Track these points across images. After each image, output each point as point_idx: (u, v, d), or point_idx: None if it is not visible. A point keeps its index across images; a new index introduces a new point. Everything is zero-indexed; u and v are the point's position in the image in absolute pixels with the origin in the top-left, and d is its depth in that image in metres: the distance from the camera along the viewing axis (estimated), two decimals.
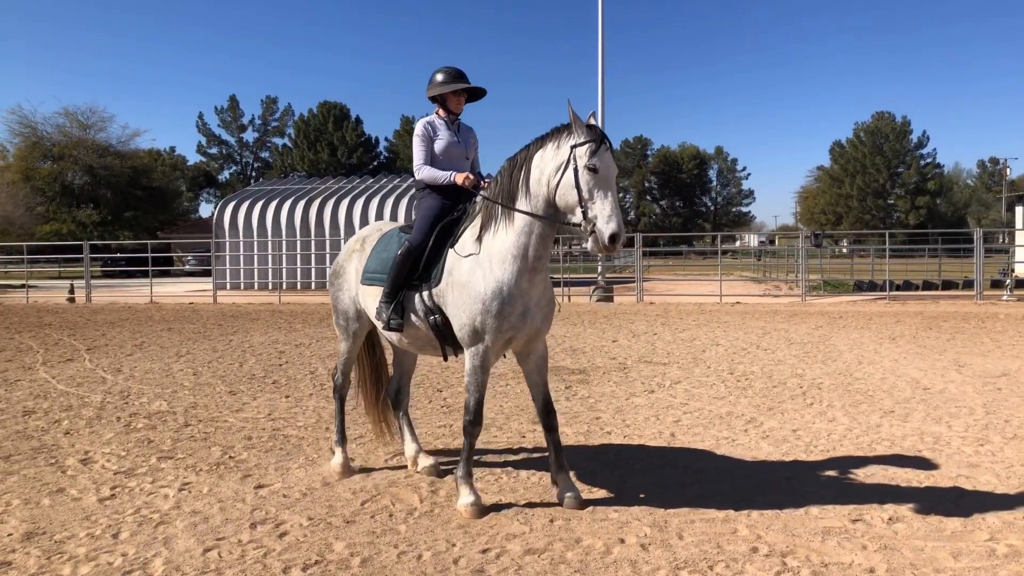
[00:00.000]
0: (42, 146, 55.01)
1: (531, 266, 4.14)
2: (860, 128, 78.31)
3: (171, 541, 3.87)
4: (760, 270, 36.50)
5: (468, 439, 4.32)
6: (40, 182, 53.23)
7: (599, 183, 3.88)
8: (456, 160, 4.80)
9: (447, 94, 4.74)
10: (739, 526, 4.01)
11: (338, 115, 71.61)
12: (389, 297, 4.52)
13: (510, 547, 3.75)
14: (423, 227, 4.55)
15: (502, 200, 4.20)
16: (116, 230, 55.11)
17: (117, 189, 55.43)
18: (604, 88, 23.84)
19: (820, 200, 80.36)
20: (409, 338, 4.64)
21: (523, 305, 4.17)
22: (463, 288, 4.21)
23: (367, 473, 5.01)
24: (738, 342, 11.44)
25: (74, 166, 54.34)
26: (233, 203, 28.83)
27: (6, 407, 7.13)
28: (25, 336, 13.08)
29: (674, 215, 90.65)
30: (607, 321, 14.92)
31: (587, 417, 6.60)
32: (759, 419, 6.45)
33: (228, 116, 78.31)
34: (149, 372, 9.13)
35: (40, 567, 3.56)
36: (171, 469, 5.14)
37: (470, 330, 4.18)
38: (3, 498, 4.54)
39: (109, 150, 56.36)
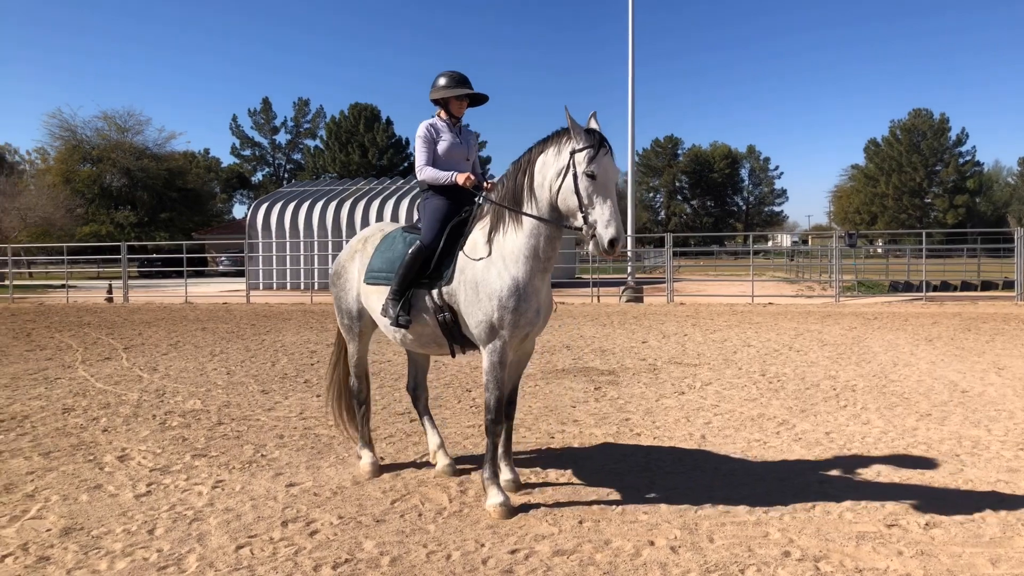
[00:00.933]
0: (82, 149, 56.22)
1: (542, 266, 4.28)
2: (896, 126, 76.97)
3: (205, 538, 3.93)
4: (793, 270, 36.05)
5: (491, 438, 4.36)
6: (80, 184, 54.40)
7: (598, 189, 3.95)
8: (458, 161, 4.88)
9: (450, 98, 4.84)
10: (771, 529, 3.96)
11: (369, 117, 72.13)
12: (397, 295, 4.57)
13: (539, 548, 3.75)
14: (434, 227, 4.61)
15: (508, 202, 4.30)
16: (152, 231, 56.18)
17: (153, 191, 56.47)
18: (634, 86, 23.73)
19: (855, 199, 79.12)
20: (414, 335, 4.69)
21: (537, 303, 4.30)
22: (477, 287, 4.28)
23: (396, 472, 5.04)
24: (770, 343, 11.31)
25: (112, 168, 55.43)
26: (266, 204, 29.21)
27: (47, 404, 7.30)
28: (65, 335, 13.38)
29: (705, 215, 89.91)
30: (637, 322, 14.84)
31: (616, 418, 6.57)
32: (791, 421, 6.37)
33: (261, 118, 79.35)
34: (184, 371, 9.28)
35: (77, 562, 3.64)
36: (205, 467, 5.21)
37: (487, 327, 4.24)
38: (43, 494, 4.65)
39: (146, 153, 57.43)
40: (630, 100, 23.69)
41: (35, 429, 6.31)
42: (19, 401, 7.46)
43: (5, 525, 4.11)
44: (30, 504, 4.46)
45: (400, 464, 5.26)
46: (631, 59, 23.74)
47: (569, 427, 6.29)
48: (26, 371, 9.35)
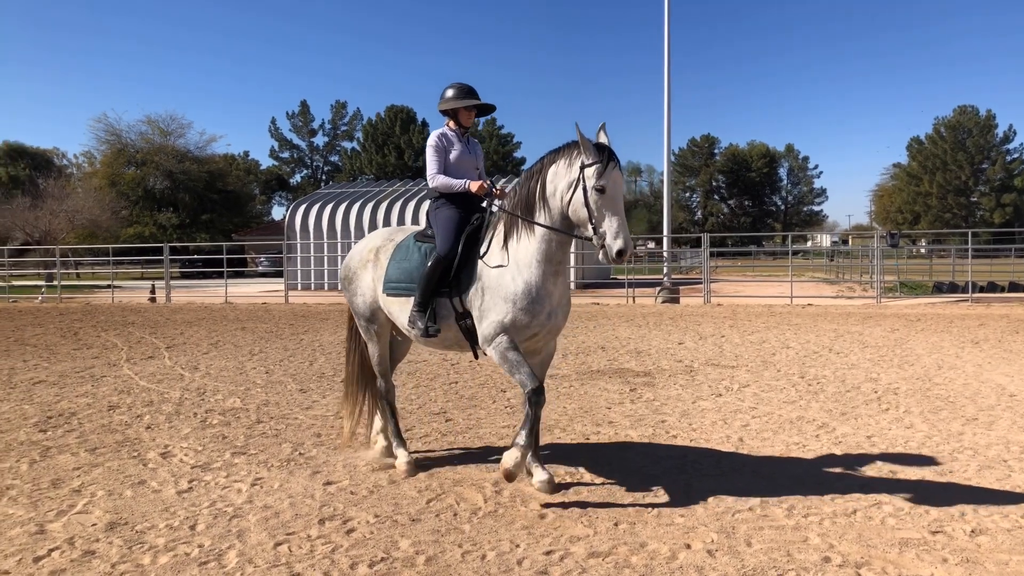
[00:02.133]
0: (126, 153, 57.59)
1: (554, 269, 4.45)
2: (941, 123, 75.17)
3: (244, 534, 3.99)
4: (833, 271, 35.44)
5: (532, 409, 4.42)
6: (124, 187, 55.72)
7: (606, 202, 4.14)
8: (467, 170, 5.05)
9: (459, 109, 5.00)
10: (810, 534, 3.90)
11: (405, 119, 72.67)
12: (422, 307, 4.72)
13: (574, 549, 3.74)
14: (449, 237, 4.74)
15: (521, 210, 4.49)
16: (194, 232, 57.27)
17: (195, 193, 57.59)
18: (670, 87, 23.55)
19: (897, 198, 77.47)
20: (439, 339, 4.85)
21: (549, 305, 4.46)
22: (493, 291, 4.47)
23: (432, 472, 5.06)
24: (809, 345, 11.13)
25: (155, 171, 56.69)
26: (304, 206, 29.60)
27: (93, 402, 7.49)
28: (111, 334, 13.71)
29: (743, 215, 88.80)
30: (673, 323, 14.72)
31: (652, 420, 6.52)
32: (831, 425, 6.26)
33: (299, 121, 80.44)
34: (224, 370, 9.45)
35: (122, 556, 3.72)
36: (244, 464, 5.30)
37: (498, 325, 4.42)
38: (89, 489, 4.77)
39: (188, 155, 58.61)
40: (666, 101, 23.52)
41: (82, 426, 6.47)
42: (67, 398, 7.67)
43: (52, 519, 4.23)
44: (77, 499, 4.57)
45: (435, 463, 5.28)
46: (667, 60, 23.57)
47: (604, 428, 6.26)
48: (73, 369, 9.60)
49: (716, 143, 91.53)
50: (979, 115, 73.61)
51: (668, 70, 23.54)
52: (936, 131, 75.15)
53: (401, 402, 7.28)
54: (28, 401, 7.54)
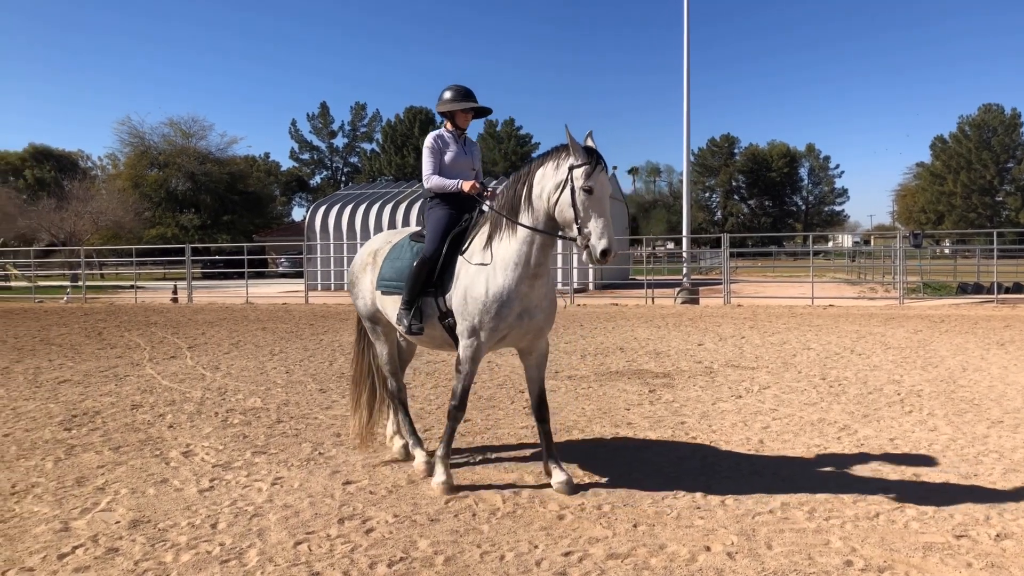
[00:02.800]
0: (149, 155, 58.30)
1: (532, 272, 4.48)
2: (965, 122, 74.20)
3: (264, 533, 4.02)
4: (854, 271, 35.09)
5: (451, 423, 4.70)
6: (147, 189, 56.41)
7: (593, 203, 4.19)
8: (463, 171, 5.14)
9: (456, 111, 5.08)
10: (832, 537, 3.86)
11: (424, 120, 72.87)
12: (408, 305, 4.85)
13: (593, 551, 3.73)
14: (435, 238, 4.86)
15: (507, 211, 4.53)
16: (215, 233, 57.84)
17: (216, 194, 58.17)
18: (690, 87, 23.44)
19: (920, 198, 76.56)
20: (427, 337, 4.98)
21: (521, 307, 4.51)
22: (468, 290, 4.56)
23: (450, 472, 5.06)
24: (831, 346, 11.02)
25: (177, 173, 57.33)
26: (324, 207, 29.78)
27: (116, 401, 7.58)
28: (134, 334, 13.87)
29: (763, 215, 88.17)
30: (692, 324, 14.64)
31: (671, 422, 6.49)
32: (853, 427, 6.19)
33: (319, 123, 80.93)
34: (244, 370, 9.52)
35: (145, 554, 3.76)
36: (264, 464, 5.34)
37: (469, 326, 4.56)
38: (112, 487, 4.82)
39: (209, 157, 59.21)
40: (685, 100, 23.42)
41: (106, 424, 6.55)
42: (91, 397, 7.77)
43: (77, 517, 4.28)
44: (100, 497, 4.63)
45: (453, 463, 5.28)
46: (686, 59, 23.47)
47: (623, 430, 6.24)
48: (98, 368, 9.73)
49: (736, 143, 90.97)
50: (1004, 114, 72.58)
51: (688, 70, 23.44)
52: (960, 130, 74.20)
53: (420, 402, 7.31)
54: (53, 400, 7.65)
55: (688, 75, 23.44)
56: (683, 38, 23.52)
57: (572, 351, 10.94)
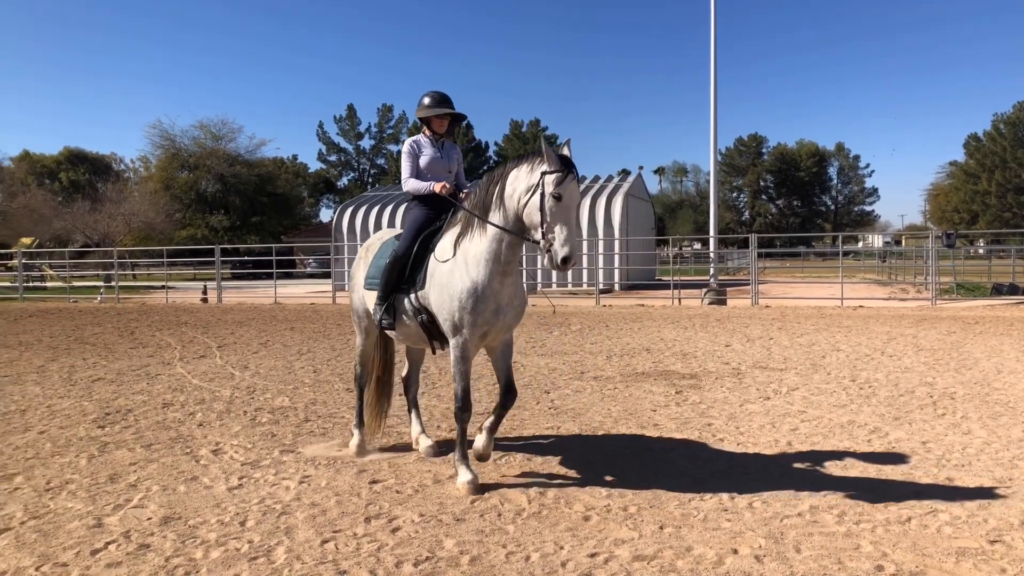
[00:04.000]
0: (180, 157, 59.08)
1: (502, 269, 4.60)
2: (1000, 119, 72.69)
3: (292, 531, 4.06)
4: (885, 272, 34.57)
5: (460, 425, 4.80)
6: (178, 190, 57.19)
7: (560, 210, 4.28)
8: (440, 174, 5.34)
9: (431, 116, 5.31)
10: (862, 542, 3.80)
11: None
12: (381, 300, 5.11)
13: (618, 552, 3.71)
14: (407, 237, 5.10)
15: (479, 210, 4.67)
16: (244, 234, 58.50)
17: (245, 196, 58.81)
18: (716, 86, 23.27)
19: (953, 198, 75.21)
20: (402, 334, 5.21)
21: (495, 303, 4.63)
22: (443, 288, 4.69)
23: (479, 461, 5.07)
24: (861, 348, 10.87)
25: (207, 175, 58.04)
26: (351, 208, 30.02)
27: (148, 399, 7.70)
28: (165, 333, 14.09)
29: (791, 215, 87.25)
30: (720, 325, 14.52)
31: (698, 423, 6.44)
32: (884, 429, 6.10)
33: (346, 125, 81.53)
34: (273, 369, 9.62)
35: (175, 550, 3.82)
36: (292, 462, 5.39)
37: (451, 324, 4.67)
38: (144, 484, 4.90)
39: (238, 159, 59.88)
40: (712, 100, 23.25)
41: (137, 422, 6.66)
42: (124, 396, 7.90)
43: (110, 513, 4.36)
44: (133, 493, 4.71)
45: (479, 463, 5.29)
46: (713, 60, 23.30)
47: (649, 431, 6.21)
48: (130, 367, 9.89)
49: (764, 142, 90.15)
50: None
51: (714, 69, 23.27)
52: (995, 128, 72.72)
53: (446, 402, 7.33)
54: (87, 398, 7.79)
55: (715, 74, 23.27)
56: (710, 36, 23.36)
57: (598, 352, 10.90)
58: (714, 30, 23.26)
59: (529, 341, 12.24)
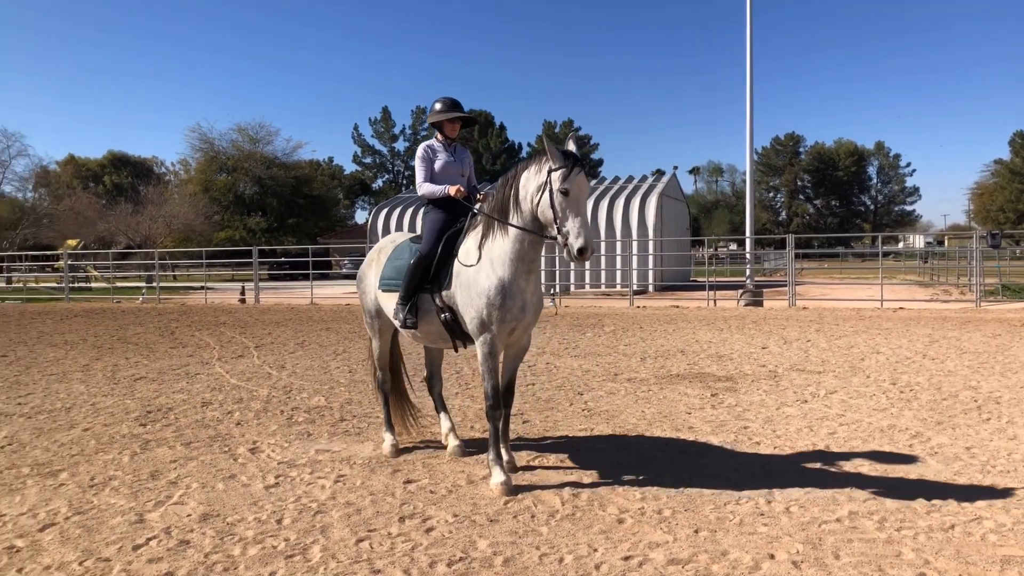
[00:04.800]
0: (219, 160, 60.06)
1: (527, 267, 4.76)
2: None
3: (327, 530, 4.10)
4: (927, 273, 33.83)
5: (492, 423, 4.88)
6: (217, 193, 58.15)
7: (570, 204, 4.41)
8: (453, 177, 5.49)
9: (443, 121, 5.48)
10: (904, 548, 3.72)
11: (483, 123, 73.36)
12: (404, 300, 5.19)
13: (653, 556, 3.69)
14: (430, 238, 5.20)
15: (497, 213, 4.82)
16: (281, 236, 59.27)
17: (282, 198, 59.57)
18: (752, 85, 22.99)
19: (998, 197, 73.36)
20: (423, 333, 5.29)
21: (522, 300, 4.77)
22: (470, 288, 4.81)
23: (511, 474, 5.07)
24: (901, 350, 10.65)
25: (245, 177, 58.91)
26: (386, 210, 30.26)
27: (188, 398, 7.85)
28: (204, 333, 14.34)
29: (829, 215, 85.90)
30: (756, 327, 14.34)
31: (734, 426, 6.37)
32: (926, 434, 5.97)
33: (381, 127, 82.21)
34: (309, 369, 9.74)
35: (214, 546, 3.89)
36: (328, 461, 5.45)
37: (478, 322, 4.77)
38: (184, 481, 4.99)
39: (275, 162, 60.66)
40: (748, 99, 22.97)
41: (178, 421, 6.79)
42: (164, 394, 8.06)
43: (151, 509, 4.45)
44: (173, 490, 4.80)
45: None
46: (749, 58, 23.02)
47: (684, 434, 6.15)
48: (170, 367, 10.09)
49: (801, 141, 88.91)
50: None
51: (750, 68, 22.99)
52: None
53: (479, 403, 7.35)
54: (130, 396, 7.96)
55: (751, 72, 22.99)
56: (745, 34, 23.08)
57: (632, 353, 10.84)
58: (750, 27, 22.97)
59: (562, 343, 12.22)
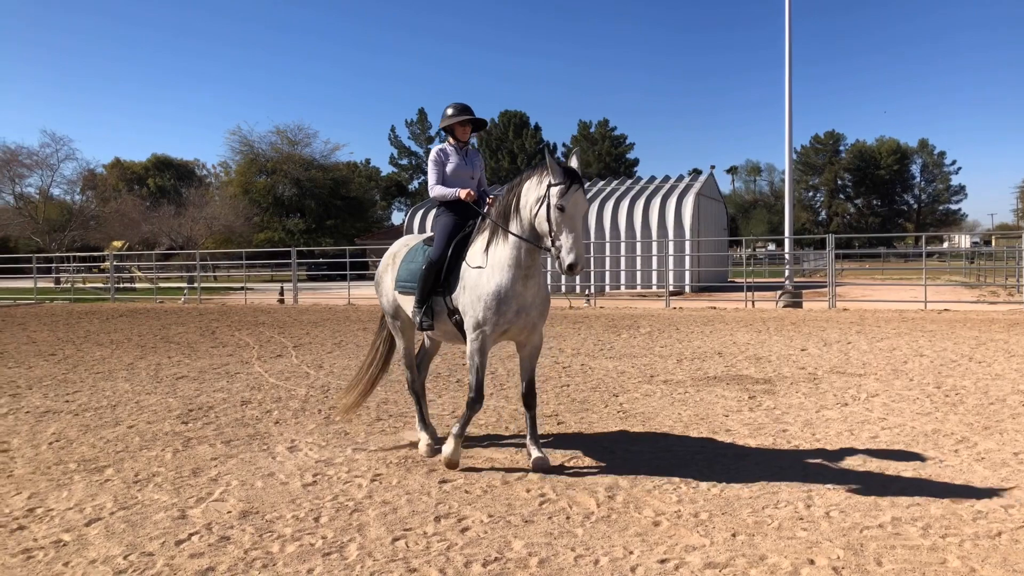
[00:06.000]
0: (258, 162, 60.97)
1: (524, 272, 4.91)
2: None
3: (364, 528, 4.14)
4: (973, 274, 32.99)
5: (468, 411, 5.15)
6: (256, 195, 59.05)
7: (566, 220, 4.59)
8: (464, 180, 5.65)
9: (455, 125, 5.61)
10: (949, 556, 3.63)
11: (518, 123, 73.42)
12: (420, 303, 5.39)
13: (689, 559, 3.65)
14: (440, 244, 5.39)
15: (500, 219, 5.01)
16: (319, 237, 60.00)
17: (320, 199, 60.28)
18: (791, 81, 22.65)
19: None
20: (440, 332, 5.55)
21: (518, 304, 4.95)
22: (473, 290, 5.01)
23: (543, 474, 5.07)
24: (946, 353, 10.40)
25: (284, 179, 59.73)
26: (422, 211, 30.48)
27: (228, 397, 7.98)
28: (244, 333, 14.58)
29: (871, 214, 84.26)
30: (795, 328, 14.12)
31: (772, 429, 6.28)
32: (972, 439, 5.81)
33: (417, 129, 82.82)
34: (346, 368, 9.83)
35: (253, 543, 3.95)
36: (364, 460, 5.50)
37: (473, 321, 5.02)
38: (224, 478, 5.08)
39: (313, 164, 61.40)
40: (787, 97, 22.63)
41: (218, 419, 6.91)
42: (205, 393, 8.21)
43: (192, 506, 4.53)
44: (214, 487, 4.88)
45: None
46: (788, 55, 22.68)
47: (721, 436, 6.08)
48: (211, 366, 10.27)
49: (841, 140, 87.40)
50: None
51: (789, 65, 22.64)
52: None
53: (514, 403, 7.36)
54: (172, 395, 8.13)
55: (789, 70, 22.64)
56: (784, 30, 22.75)
57: (668, 355, 10.75)
58: (788, 24, 22.64)
59: (597, 344, 12.17)
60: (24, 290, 31.96)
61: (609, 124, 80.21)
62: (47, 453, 5.81)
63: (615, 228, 28.85)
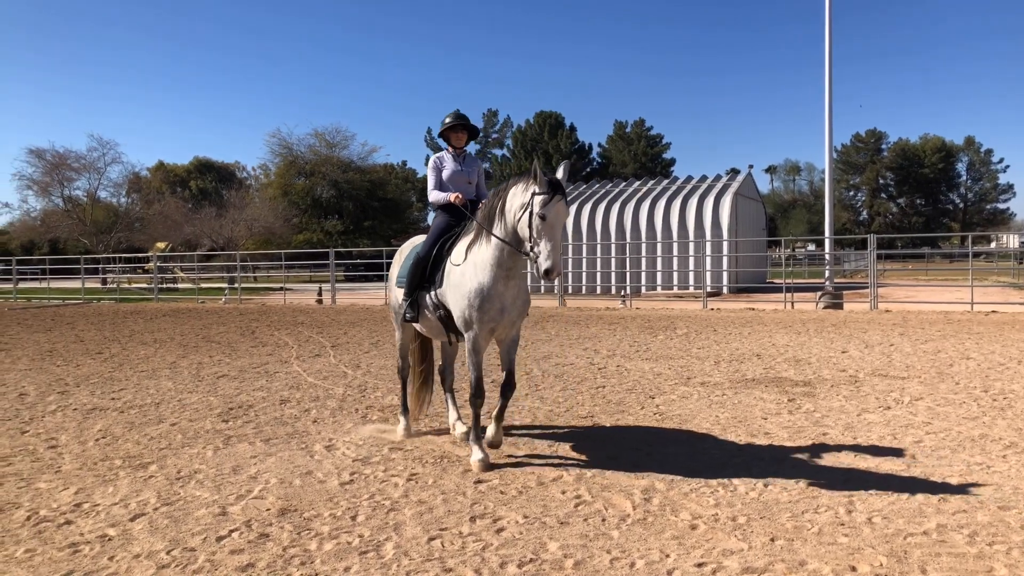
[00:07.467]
0: (297, 164, 61.75)
1: (505, 273, 5.12)
2: None
3: (400, 527, 4.17)
4: (1022, 274, 32.07)
5: (474, 410, 5.38)
6: (295, 196, 59.83)
7: (546, 228, 4.79)
8: (460, 185, 5.94)
9: (449, 132, 5.95)
10: (996, 564, 3.54)
11: (553, 124, 73.31)
12: (406, 297, 5.77)
13: (727, 563, 3.61)
14: (427, 242, 5.75)
15: (485, 221, 5.21)
16: (357, 238, 60.57)
17: (357, 201, 60.85)
18: (831, 78, 22.26)
19: None
20: (426, 327, 5.85)
21: (500, 303, 5.17)
22: (456, 288, 5.26)
23: (579, 475, 5.06)
24: (994, 356, 10.12)
25: (322, 181, 60.42)
26: None
27: (267, 395, 8.11)
28: (283, 333, 14.79)
29: (914, 214, 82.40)
30: (836, 330, 13.87)
31: (812, 432, 6.17)
32: (1021, 444, 5.65)
33: None
34: (383, 368, 9.92)
35: (292, 541, 4.00)
36: (400, 460, 5.54)
37: (462, 321, 5.26)
38: (263, 476, 5.16)
39: (351, 166, 62.00)
40: (827, 94, 22.25)
41: (257, 417, 7.02)
42: (245, 392, 8.35)
43: (233, 503, 4.61)
44: (253, 485, 4.96)
45: (583, 466, 5.27)
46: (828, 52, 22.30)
47: (759, 439, 6.00)
48: (251, 365, 10.44)
49: (883, 138, 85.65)
50: None
51: (829, 62, 22.26)
52: None
53: (549, 404, 7.35)
54: (213, 393, 8.28)
55: (830, 67, 22.26)
56: (824, 28, 22.37)
57: (705, 357, 10.64)
58: (829, 21, 22.26)
59: (633, 345, 12.10)
60: (72, 290, 32.83)
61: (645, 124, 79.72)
62: (94, 449, 5.96)
63: (651, 228, 28.65)
